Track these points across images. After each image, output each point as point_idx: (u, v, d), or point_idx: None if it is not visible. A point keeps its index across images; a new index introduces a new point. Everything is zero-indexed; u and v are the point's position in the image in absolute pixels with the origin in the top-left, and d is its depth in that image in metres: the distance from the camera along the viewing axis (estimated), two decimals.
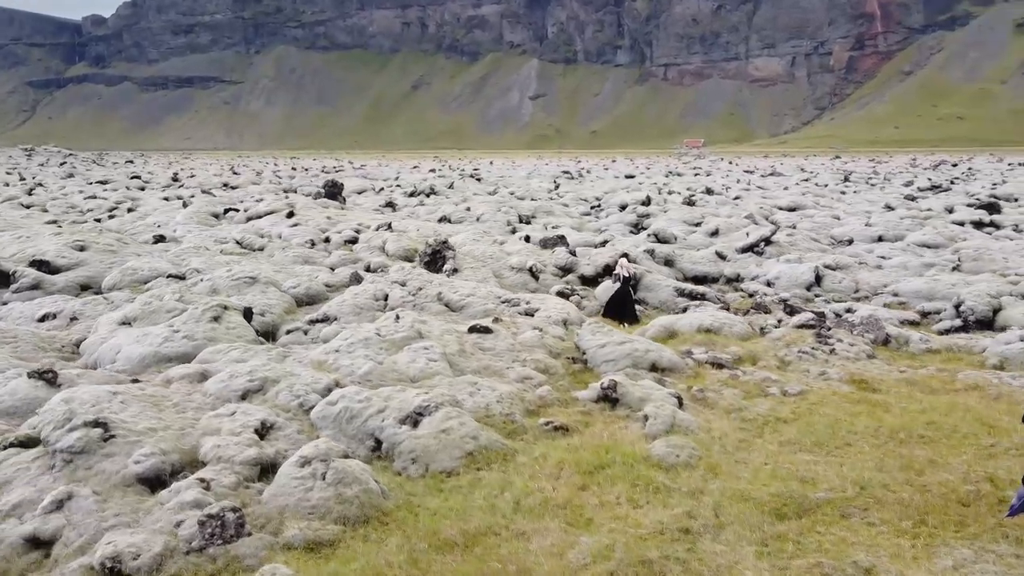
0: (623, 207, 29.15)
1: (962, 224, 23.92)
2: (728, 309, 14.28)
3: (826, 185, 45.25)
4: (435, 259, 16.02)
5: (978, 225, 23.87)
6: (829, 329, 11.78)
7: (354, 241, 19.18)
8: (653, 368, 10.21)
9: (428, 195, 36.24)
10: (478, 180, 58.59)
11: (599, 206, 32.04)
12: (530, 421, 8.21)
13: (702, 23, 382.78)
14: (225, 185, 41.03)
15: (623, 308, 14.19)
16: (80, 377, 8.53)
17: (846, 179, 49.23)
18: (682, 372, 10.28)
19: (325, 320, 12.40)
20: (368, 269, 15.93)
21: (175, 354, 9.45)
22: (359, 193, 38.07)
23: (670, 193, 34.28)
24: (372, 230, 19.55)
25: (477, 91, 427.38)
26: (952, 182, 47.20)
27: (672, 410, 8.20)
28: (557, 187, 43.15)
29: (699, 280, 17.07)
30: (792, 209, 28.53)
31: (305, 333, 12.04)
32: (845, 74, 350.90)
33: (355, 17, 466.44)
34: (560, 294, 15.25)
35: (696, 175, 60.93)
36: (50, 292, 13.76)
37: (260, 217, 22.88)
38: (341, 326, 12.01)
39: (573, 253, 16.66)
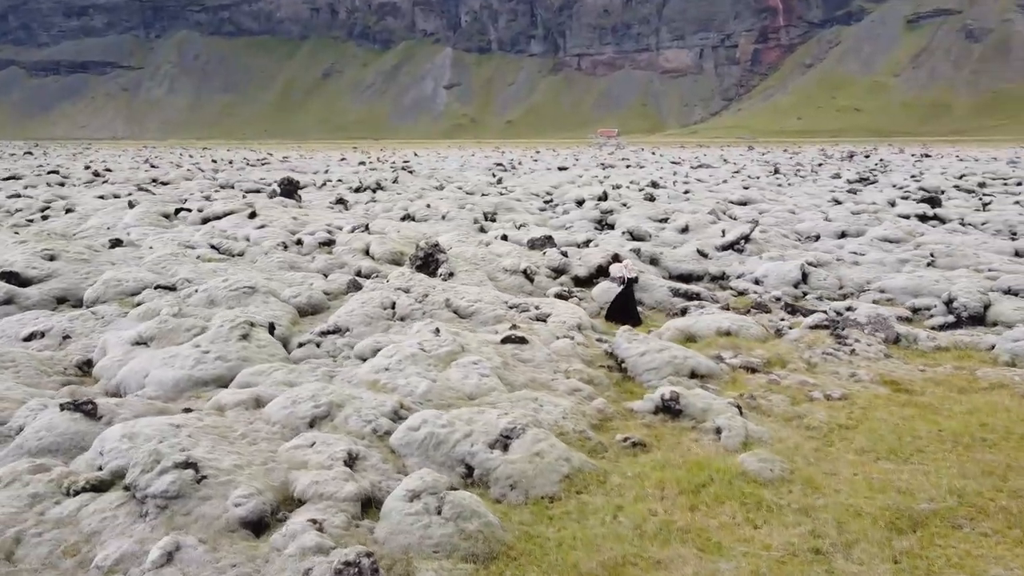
0: (580, 203, 29.26)
1: (907, 217, 25.03)
2: (728, 309, 14.50)
3: (758, 177, 46.62)
4: (427, 263, 15.67)
5: (923, 219, 25.02)
6: (843, 329, 12.09)
7: (329, 243, 18.58)
8: (693, 375, 10.24)
9: (375, 190, 35.49)
10: (411, 172, 57.78)
11: (552, 201, 32.06)
12: (604, 438, 8.10)
13: (613, 14, 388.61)
14: (155, 181, 39.10)
15: (625, 310, 14.23)
16: (120, 407, 7.93)
17: (776, 171, 50.92)
18: (719, 378, 10.36)
19: (336, 331, 11.94)
20: (359, 274, 15.46)
21: (210, 377, 8.91)
22: (300, 189, 36.96)
23: (616, 187, 34.59)
24: (347, 232, 18.98)
25: (390, 80, 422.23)
26: (872, 173, 49.37)
27: (743, 421, 8.24)
28: (499, 181, 43.01)
29: (684, 278, 17.27)
30: (743, 203, 29.23)
31: (318, 346, 11.55)
32: (751, 66, 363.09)
33: (261, 2, 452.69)
34: (559, 296, 15.17)
35: (628, 167, 61.80)
36: (25, 307, 12.77)
37: (219, 218, 21.89)
38: (355, 338, 11.64)
39: (565, 254, 16.59)
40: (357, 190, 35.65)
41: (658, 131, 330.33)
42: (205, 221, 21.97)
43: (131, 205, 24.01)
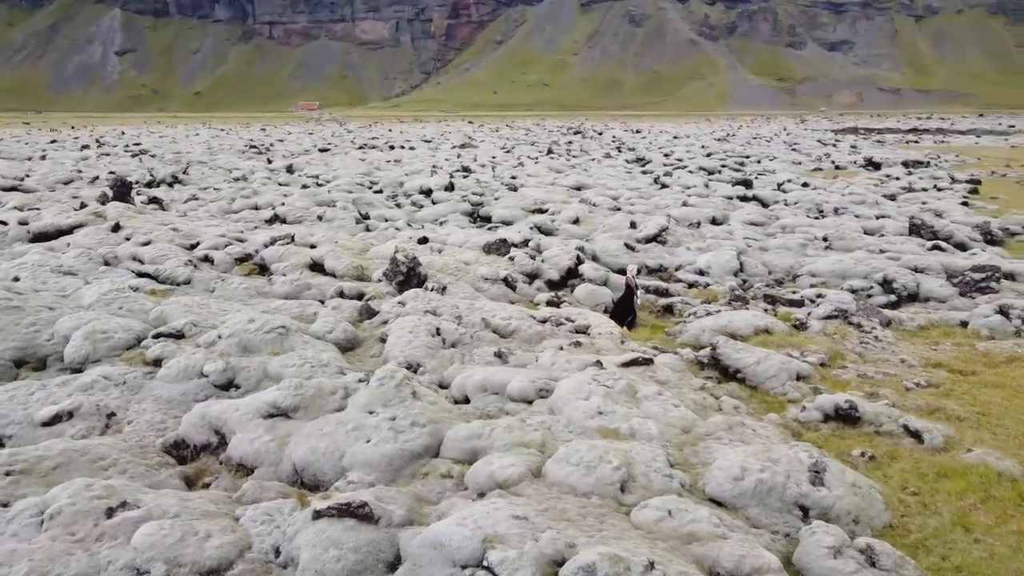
0: (427, 193, 28.65)
1: (731, 199, 28.06)
2: (709, 302, 15.43)
3: (536, 159, 48.67)
4: (409, 277, 14.65)
5: (743, 199, 28.21)
6: (854, 316, 13.54)
7: (245, 259, 16.46)
8: (797, 377, 10.92)
9: (172, 185, 31.47)
10: (152, 157, 52.07)
11: (381, 191, 30.90)
12: (836, 454, 8.46)
13: None
14: None
15: (625, 314, 14.52)
16: (384, 503, 6.65)
17: (550, 151, 53.45)
18: (812, 378, 11.15)
19: (408, 368, 10.83)
20: (343, 295, 14.01)
21: (420, 448, 7.73)
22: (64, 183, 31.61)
23: (449, 172, 34.30)
24: (266, 244, 16.89)
25: (46, 42, 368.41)
26: (620, 151, 53.98)
27: (933, 423, 9.07)
28: (290, 169, 40.20)
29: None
30: (579, 188, 30.61)
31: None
32: (445, 41, 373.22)
33: None
34: (549, 303, 15.04)
35: (393, 148, 60.87)
36: None
37: (64, 232, 18.07)
38: (431, 373, 10.70)
39: (532, 257, 16.41)
40: (149, 184, 31.34)
41: (360, 104, 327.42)
42: (43, 237, 18.05)
43: None
